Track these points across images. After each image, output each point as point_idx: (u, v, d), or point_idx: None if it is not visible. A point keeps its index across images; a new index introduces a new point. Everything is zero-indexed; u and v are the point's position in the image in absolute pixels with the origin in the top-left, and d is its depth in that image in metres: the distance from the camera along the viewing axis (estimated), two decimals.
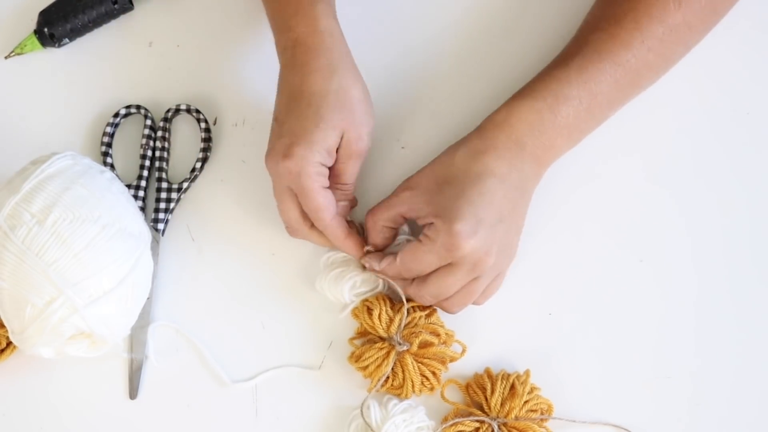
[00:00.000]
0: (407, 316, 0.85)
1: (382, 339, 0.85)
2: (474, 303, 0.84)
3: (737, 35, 0.93)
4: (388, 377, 0.84)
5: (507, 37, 0.93)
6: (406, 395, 0.84)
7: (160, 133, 0.92)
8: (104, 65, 0.94)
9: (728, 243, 0.89)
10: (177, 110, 0.92)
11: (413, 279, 0.83)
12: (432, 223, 0.79)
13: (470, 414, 0.84)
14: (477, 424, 0.84)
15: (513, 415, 0.83)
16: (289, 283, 0.89)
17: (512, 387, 0.84)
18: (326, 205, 0.81)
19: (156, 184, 0.91)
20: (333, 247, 0.86)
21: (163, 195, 0.90)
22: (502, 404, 0.83)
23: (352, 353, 0.85)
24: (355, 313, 0.86)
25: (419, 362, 0.84)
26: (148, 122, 0.92)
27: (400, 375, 0.84)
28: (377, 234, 0.84)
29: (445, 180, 0.81)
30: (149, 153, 0.91)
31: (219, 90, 0.93)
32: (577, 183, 0.90)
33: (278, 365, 0.87)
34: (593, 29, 0.84)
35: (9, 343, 0.86)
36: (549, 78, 0.83)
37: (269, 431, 0.86)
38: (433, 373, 0.85)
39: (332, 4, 0.85)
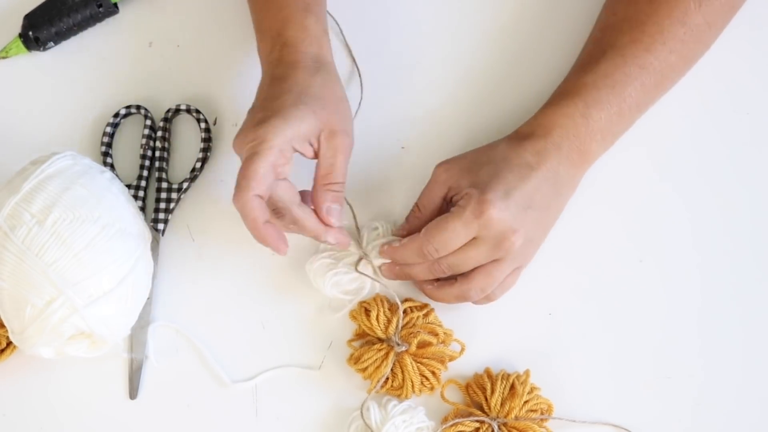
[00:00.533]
0: (405, 316, 0.85)
1: (380, 340, 0.85)
2: (487, 298, 0.83)
3: (738, 35, 0.93)
4: (387, 378, 0.84)
5: (507, 37, 0.93)
6: (406, 396, 0.84)
7: (160, 133, 0.92)
8: (104, 65, 0.94)
9: (729, 243, 0.89)
10: (177, 110, 0.92)
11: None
12: (466, 193, 0.80)
13: (470, 414, 0.84)
14: (477, 425, 0.84)
15: (513, 415, 0.83)
16: (289, 283, 0.89)
17: (512, 387, 0.84)
18: (260, 177, 0.77)
19: (156, 184, 0.91)
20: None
21: (163, 195, 0.90)
22: (502, 404, 0.83)
23: (351, 355, 0.85)
24: (352, 315, 0.86)
25: (418, 362, 0.84)
26: (148, 122, 0.92)
27: (400, 376, 0.84)
28: (422, 225, 0.83)
29: (484, 162, 0.82)
30: (149, 153, 0.91)
31: (219, 90, 0.93)
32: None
33: (278, 365, 0.87)
34: (615, 32, 0.85)
35: (9, 343, 0.86)
36: (578, 84, 0.84)
37: (269, 431, 0.86)
38: (433, 373, 0.85)
39: (323, 19, 0.86)
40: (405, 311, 0.85)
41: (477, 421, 0.84)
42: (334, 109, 0.81)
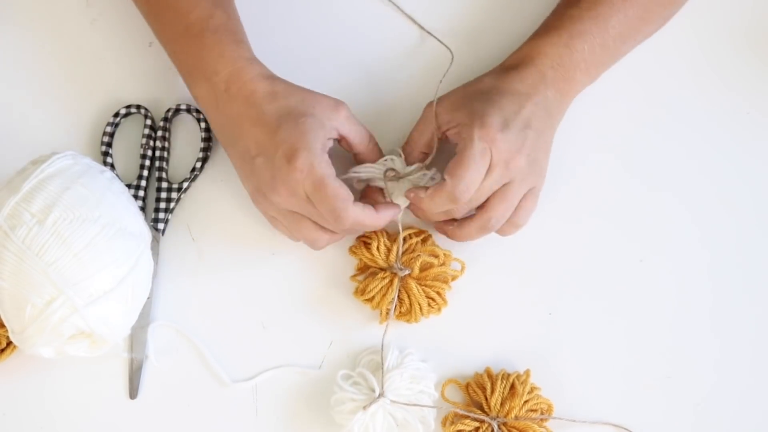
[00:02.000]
0: (404, 243, 0.86)
1: (382, 269, 0.86)
2: (514, 225, 0.84)
3: (738, 36, 0.93)
4: (395, 306, 0.85)
5: (508, 36, 0.93)
6: (416, 319, 0.86)
7: (160, 133, 0.92)
8: (104, 65, 0.94)
9: (729, 243, 0.89)
10: (177, 110, 0.92)
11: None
12: (465, 125, 0.81)
13: (470, 413, 0.84)
14: (477, 424, 0.84)
15: (513, 415, 0.83)
16: (289, 283, 0.89)
17: (512, 387, 0.84)
18: (346, 195, 0.81)
19: (156, 184, 0.91)
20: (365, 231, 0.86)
21: (163, 195, 0.90)
22: (502, 404, 0.83)
23: (357, 288, 0.86)
24: (352, 250, 0.88)
25: (423, 285, 0.85)
26: (148, 122, 0.92)
27: (407, 300, 0.85)
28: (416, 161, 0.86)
29: (474, 94, 0.84)
30: (149, 153, 0.91)
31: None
32: (578, 183, 0.90)
33: (278, 365, 0.87)
34: None
35: (9, 343, 0.86)
36: (563, 16, 0.87)
37: (269, 431, 0.86)
38: (438, 293, 0.86)
39: (249, 46, 0.87)
40: (404, 238, 0.86)
41: (477, 420, 0.84)
42: (320, 104, 0.83)
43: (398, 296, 0.85)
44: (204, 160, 0.91)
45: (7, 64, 0.95)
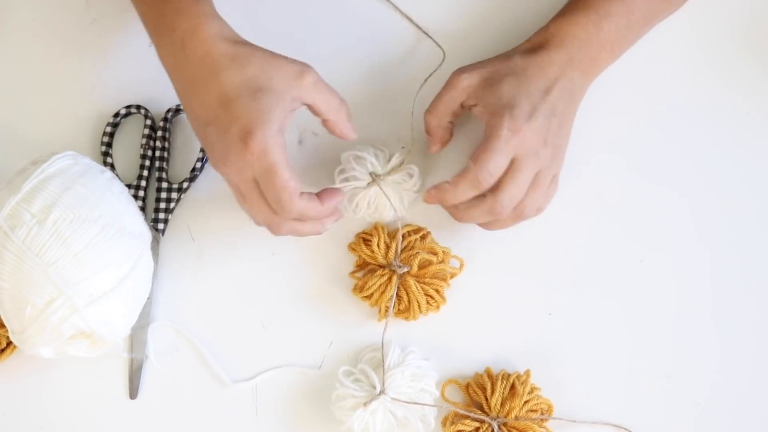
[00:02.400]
0: (403, 240, 0.86)
1: (381, 267, 0.86)
2: (538, 210, 0.85)
3: (739, 36, 0.93)
4: (393, 303, 0.85)
5: (508, 33, 0.93)
6: (414, 317, 0.86)
7: (160, 133, 0.92)
8: (104, 65, 0.94)
9: (730, 243, 0.89)
10: (177, 110, 0.92)
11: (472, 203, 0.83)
12: (494, 112, 0.82)
13: (470, 413, 0.84)
14: (477, 424, 0.84)
15: (513, 415, 0.83)
16: (289, 282, 0.89)
17: (512, 387, 0.84)
18: (293, 184, 0.78)
19: (156, 184, 0.91)
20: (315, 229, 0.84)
21: (163, 195, 0.90)
22: (502, 404, 0.83)
23: (355, 284, 0.86)
24: (351, 247, 0.88)
25: (421, 283, 0.86)
26: (148, 122, 0.92)
27: (405, 298, 0.85)
28: (444, 131, 0.87)
29: (505, 73, 0.84)
30: (149, 153, 0.91)
31: None
32: (579, 184, 0.90)
33: (278, 365, 0.87)
34: None
35: (9, 343, 0.86)
36: None
37: (269, 431, 0.86)
38: (437, 291, 0.86)
39: (211, 1, 0.84)
40: (403, 235, 0.86)
41: (477, 420, 0.84)
42: (280, 70, 0.79)
43: (397, 293, 0.85)
44: (204, 160, 0.91)
45: (7, 65, 0.95)
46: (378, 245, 0.86)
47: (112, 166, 0.91)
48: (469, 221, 0.85)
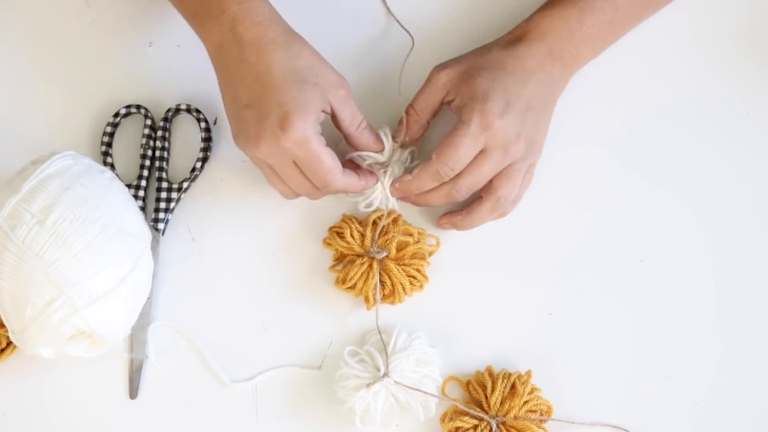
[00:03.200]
0: (375, 226, 0.86)
1: (359, 256, 0.86)
2: (514, 200, 0.85)
3: (738, 36, 0.93)
4: (379, 290, 0.86)
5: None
6: (400, 300, 0.86)
7: (160, 133, 0.92)
8: (104, 65, 0.94)
9: (730, 243, 0.89)
10: (177, 110, 0.92)
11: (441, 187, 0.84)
12: (466, 105, 0.82)
13: (469, 410, 0.84)
14: (476, 422, 0.84)
15: (512, 415, 0.83)
16: (288, 283, 0.89)
17: (513, 386, 0.84)
18: (336, 167, 0.81)
19: (156, 184, 0.91)
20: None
21: (163, 195, 0.90)
22: (501, 403, 0.83)
23: (337, 278, 0.86)
24: (326, 242, 0.88)
25: (402, 265, 0.86)
26: (148, 122, 0.92)
27: (389, 282, 0.86)
28: (420, 128, 0.87)
29: (482, 67, 0.84)
30: (149, 153, 0.91)
31: (219, 90, 0.93)
32: (578, 184, 0.90)
33: (278, 365, 0.87)
34: None
35: (9, 343, 0.86)
36: None
37: (269, 431, 0.86)
38: (418, 270, 0.87)
39: None
40: (374, 221, 0.86)
41: (476, 418, 0.84)
42: (319, 72, 0.81)
43: (380, 279, 0.85)
44: (204, 160, 0.91)
45: (7, 65, 0.95)
46: (352, 235, 0.86)
47: (112, 166, 0.91)
48: (425, 205, 0.87)
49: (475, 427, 0.84)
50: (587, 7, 0.86)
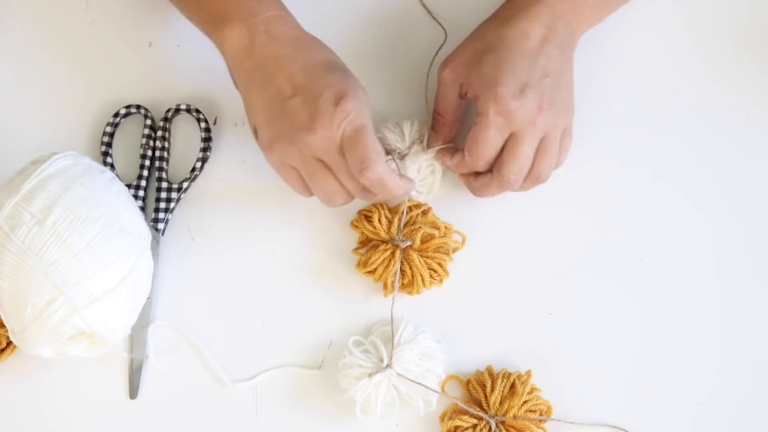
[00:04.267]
0: (405, 215, 0.86)
1: (384, 242, 0.86)
2: (558, 164, 0.85)
3: (738, 36, 0.93)
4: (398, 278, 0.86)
5: None
6: (418, 291, 0.86)
7: (160, 133, 0.92)
8: (104, 65, 0.94)
9: (728, 244, 0.89)
10: (177, 110, 0.92)
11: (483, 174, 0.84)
12: (479, 96, 0.81)
13: (469, 409, 0.84)
14: (475, 421, 0.84)
15: (512, 414, 0.83)
16: (289, 283, 0.89)
17: (512, 386, 0.84)
18: (380, 150, 0.79)
19: (156, 184, 0.91)
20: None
21: (163, 195, 0.90)
22: (501, 402, 0.83)
23: (359, 260, 0.86)
24: (354, 224, 0.88)
25: (424, 257, 0.86)
26: (148, 122, 0.92)
27: (409, 272, 0.86)
28: (450, 130, 0.87)
29: (483, 51, 0.83)
30: (149, 153, 0.91)
31: (219, 90, 0.93)
32: (579, 183, 0.90)
33: (278, 365, 0.87)
34: None
35: (9, 343, 0.86)
36: None
37: (269, 431, 0.86)
38: (440, 265, 0.86)
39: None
40: (404, 210, 0.86)
41: (475, 417, 0.84)
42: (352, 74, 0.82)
43: (400, 268, 0.86)
44: (204, 160, 0.91)
45: (7, 64, 0.95)
46: (380, 221, 0.86)
47: (112, 166, 0.91)
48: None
49: (475, 426, 0.84)
50: None
